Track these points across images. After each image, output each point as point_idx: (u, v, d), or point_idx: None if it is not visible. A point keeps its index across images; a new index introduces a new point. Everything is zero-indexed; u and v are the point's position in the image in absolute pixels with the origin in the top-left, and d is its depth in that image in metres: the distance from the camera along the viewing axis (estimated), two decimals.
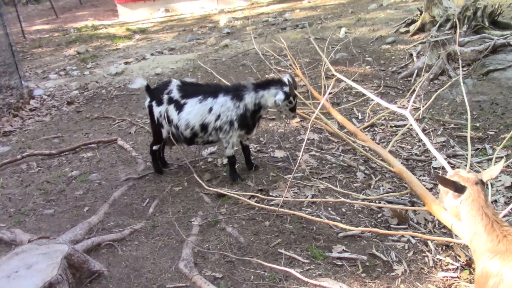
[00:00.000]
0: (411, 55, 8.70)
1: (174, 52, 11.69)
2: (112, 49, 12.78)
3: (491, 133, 5.67)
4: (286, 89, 4.88)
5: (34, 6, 22.15)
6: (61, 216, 4.88)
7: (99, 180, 5.60)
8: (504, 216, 3.90)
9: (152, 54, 11.56)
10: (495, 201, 4.42)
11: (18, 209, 5.10)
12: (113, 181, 5.53)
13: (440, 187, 2.88)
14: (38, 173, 5.99)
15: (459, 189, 2.66)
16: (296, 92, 4.97)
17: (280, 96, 4.86)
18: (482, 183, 2.70)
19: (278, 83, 4.96)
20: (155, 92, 5.28)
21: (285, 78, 4.98)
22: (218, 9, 17.10)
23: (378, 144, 5.57)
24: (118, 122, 7.51)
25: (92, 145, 6.62)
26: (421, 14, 10.05)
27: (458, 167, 5.09)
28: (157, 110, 5.19)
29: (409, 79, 7.83)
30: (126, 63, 11.06)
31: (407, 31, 10.19)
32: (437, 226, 4.22)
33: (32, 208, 5.11)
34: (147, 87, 5.31)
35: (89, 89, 9.39)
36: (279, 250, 3.98)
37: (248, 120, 5.02)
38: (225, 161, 5.25)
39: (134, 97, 8.71)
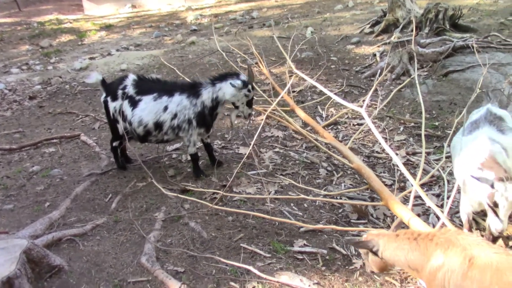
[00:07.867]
0: (375, 55, 8.88)
1: (140, 48, 11.59)
2: (77, 44, 12.57)
3: (449, 131, 5.84)
4: (244, 77, 4.89)
5: None
6: (21, 212, 4.80)
7: (61, 175, 5.52)
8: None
9: (117, 50, 11.42)
10: None
11: None
12: (76, 177, 5.46)
13: (361, 252, 3.05)
14: None
15: (374, 245, 2.81)
16: (253, 84, 4.96)
17: (238, 81, 4.82)
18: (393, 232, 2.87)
19: (235, 74, 4.97)
20: (111, 87, 5.20)
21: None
22: (186, 6, 17.01)
23: (341, 141, 5.67)
24: (81, 118, 7.40)
25: (54, 140, 6.50)
26: (385, 15, 10.25)
27: (417, 165, 5.26)
28: (112, 105, 5.12)
29: (372, 78, 7.98)
30: (91, 58, 10.87)
31: (372, 32, 10.37)
32: (395, 220, 4.33)
33: None
34: (103, 82, 5.23)
35: (52, 84, 9.20)
36: (241, 244, 4.03)
37: (207, 118, 5.00)
38: (190, 157, 5.26)
39: (98, 92, 8.57)
